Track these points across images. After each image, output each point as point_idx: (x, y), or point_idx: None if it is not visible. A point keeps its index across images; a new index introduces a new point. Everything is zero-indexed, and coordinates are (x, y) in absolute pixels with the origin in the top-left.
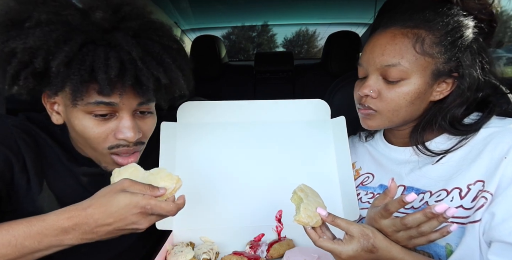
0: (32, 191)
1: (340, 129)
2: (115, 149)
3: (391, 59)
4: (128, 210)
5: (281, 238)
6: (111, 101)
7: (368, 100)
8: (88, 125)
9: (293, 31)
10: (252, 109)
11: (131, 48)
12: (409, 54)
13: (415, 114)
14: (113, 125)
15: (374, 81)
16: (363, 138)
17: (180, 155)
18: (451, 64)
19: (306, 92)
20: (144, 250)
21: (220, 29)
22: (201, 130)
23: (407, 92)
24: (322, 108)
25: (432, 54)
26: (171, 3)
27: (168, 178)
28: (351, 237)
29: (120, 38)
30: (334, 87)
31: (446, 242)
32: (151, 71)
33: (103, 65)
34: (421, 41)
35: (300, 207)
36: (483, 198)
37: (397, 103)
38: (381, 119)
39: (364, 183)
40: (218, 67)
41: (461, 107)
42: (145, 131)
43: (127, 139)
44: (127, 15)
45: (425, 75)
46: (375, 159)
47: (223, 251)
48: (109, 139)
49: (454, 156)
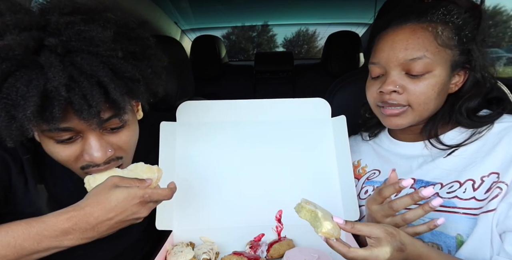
0: (30, 194)
1: (340, 128)
2: (86, 170)
3: (415, 53)
4: (128, 202)
5: (281, 238)
6: (66, 126)
7: (393, 96)
8: (54, 150)
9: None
10: (252, 108)
11: (55, 73)
12: (432, 46)
13: (439, 106)
14: (79, 147)
15: (398, 77)
16: (366, 137)
17: (180, 155)
18: (463, 56)
19: (306, 92)
20: (144, 250)
21: (220, 29)
22: (200, 130)
23: (434, 84)
24: (322, 107)
25: (451, 46)
26: (171, 3)
27: (148, 170)
28: (377, 239)
29: (44, 61)
30: (334, 87)
31: (457, 232)
32: (84, 97)
33: (23, 100)
34: (441, 34)
35: (320, 218)
36: (498, 188)
37: (427, 95)
38: (412, 115)
39: (370, 178)
40: (218, 67)
41: (476, 99)
42: (121, 145)
43: (94, 160)
44: (52, 29)
45: (446, 67)
46: (381, 156)
47: (223, 251)
48: (79, 160)
49: (467, 149)
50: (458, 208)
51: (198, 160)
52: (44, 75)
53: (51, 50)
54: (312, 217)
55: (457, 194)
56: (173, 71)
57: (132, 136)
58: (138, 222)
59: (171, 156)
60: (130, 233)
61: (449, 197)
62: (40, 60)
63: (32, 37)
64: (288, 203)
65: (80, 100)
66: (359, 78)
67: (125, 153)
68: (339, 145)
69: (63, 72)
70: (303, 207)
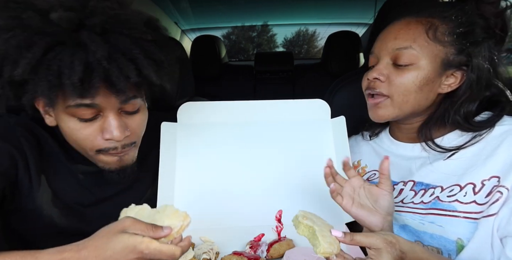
0: (34, 190)
1: (340, 129)
2: (103, 152)
3: (403, 43)
4: (124, 255)
5: (281, 238)
6: (91, 102)
7: (377, 84)
8: (75, 127)
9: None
10: (252, 109)
11: (97, 47)
12: (421, 39)
13: (423, 103)
14: (99, 126)
15: (384, 66)
16: (367, 136)
17: (181, 155)
18: (461, 57)
19: (306, 92)
20: None
21: (220, 29)
22: (201, 131)
23: (415, 76)
24: (322, 108)
25: (444, 42)
26: (171, 3)
27: (174, 215)
28: (377, 250)
29: (85, 38)
30: (334, 87)
31: (458, 237)
32: (121, 70)
33: (68, 69)
34: (434, 29)
35: (318, 236)
36: (498, 192)
37: (406, 87)
38: (391, 106)
39: (371, 179)
40: (218, 67)
41: (473, 103)
42: (134, 129)
43: (114, 138)
44: (91, 11)
45: (434, 63)
46: (382, 156)
47: (223, 251)
48: (97, 141)
49: (467, 152)
50: (458, 212)
51: (199, 160)
52: (85, 50)
53: (91, 30)
54: (310, 234)
55: (458, 197)
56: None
57: (144, 120)
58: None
59: (172, 157)
60: None
61: (450, 200)
62: (81, 38)
63: (74, 16)
64: (288, 203)
65: (117, 72)
66: (359, 78)
67: (137, 138)
68: (339, 145)
69: (104, 47)
70: (301, 223)
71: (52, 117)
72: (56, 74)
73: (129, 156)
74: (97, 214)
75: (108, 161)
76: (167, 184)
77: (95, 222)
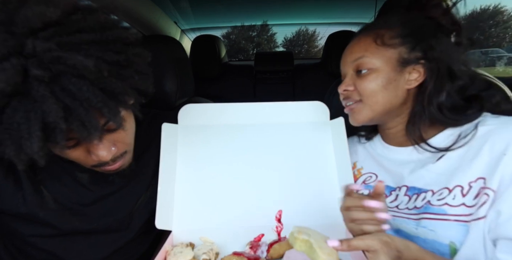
0: (23, 193)
1: (339, 130)
2: (98, 168)
3: (357, 54)
4: None
5: (281, 238)
6: (70, 137)
7: (348, 94)
8: (63, 153)
9: (293, 30)
10: (251, 111)
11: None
12: (371, 47)
13: (394, 101)
14: (85, 149)
15: (349, 78)
16: (363, 139)
17: (181, 156)
18: (415, 53)
19: (306, 92)
20: (144, 246)
21: (220, 29)
22: (201, 132)
23: (376, 78)
24: (321, 110)
25: (393, 44)
26: (171, 3)
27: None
28: (375, 252)
29: (35, 93)
30: (334, 87)
31: (450, 240)
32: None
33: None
34: (381, 37)
35: (316, 249)
36: (485, 195)
37: (371, 89)
38: (364, 109)
39: (367, 182)
40: (218, 67)
41: (441, 92)
42: (121, 142)
43: (102, 159)
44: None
45: (390, 63)
46: (376, 160)
47: (223, 251)
48: (88, 159)
49: (453, 155)
50: (449, 215)
51: (199, 161)
52: (39, 107)
53: (39, 80)
54: (308, 248)
55: (447, 201)
56: (173, 71)
57: (131, 129)
58: None
59: (172, 158)
60: (131, 227)
61: (440, 204)
62: (31, 91)
63: (15, 67)
64: (288, 203)
65: (80, 127)
66: None
67: (127, 146)
68: (338, 147)
69: (58, 104)
70: (297, 238)
71: None
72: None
73: (124, 162)
74: (97, 213)
75: (105, 169)
76: (167, 184)
77: (95, 221)
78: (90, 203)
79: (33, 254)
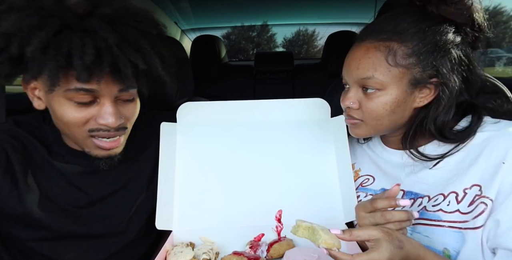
0: (19, 192)
1: (339, 128)
2: (95, 133)
3: (365, 72)
4: None
5: (281, 238)
6: (91, 87)
7: (351, 111)
8: (69, 110)
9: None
10: (251, 108)
11: (107, 34)
12: (382, 67)
13: (400, 122)
14: (94, 111)
15: (354, 93)
16: (361, 139)
17: (180, 155)
18: (428, 71)
19: (306, 92)
20: (144, 247)
21: (220, 29)
22: (201, 131)
23: (385, 102)
24: (322, 107)
25: (406, 65)
26: (171, 3)
27: None
28: (377, 241)
29: (96, 24)
30: (334, 87)
31: (444, 247)
32: (128, 58)
33: (79, 51)
34: (393, 54)
35: (319, 231)
36: (482, 204)
37: (378, 113)
38: (366, 128)
39: (364, 185)
40: (218, 67)
41: (448, 113)
42: (128, 117)
43: (108, 124)
44: (102, 1)
45: (401, 85)
46: (374, 161)
47: (223, 251)
48: (89, 123)
49: (450, 161)
50: (443, 221)
51: (198, 160)
52: (94, 36)
53: (100, 18)
54: (310, 233)
55: (442, 207)
56: (173, 71)
57: (137, 109)
58: None
59: (171, 157)
60: (129, 230)
61: (434, 210)
62: (89, 25)
63: (86, 4)
64: (288, 203)
65: (125, 60)
66: None
67: (130, 125)
68: (339, 145)
69: (113, 35)
70: (300, 226)
71: (41, 101)
72: (66, 55)
73: (117, 143)
74: (93, 216)
75: (99, 145)
76: (167, 184)
77: (91, 224)
78: (85, 205)
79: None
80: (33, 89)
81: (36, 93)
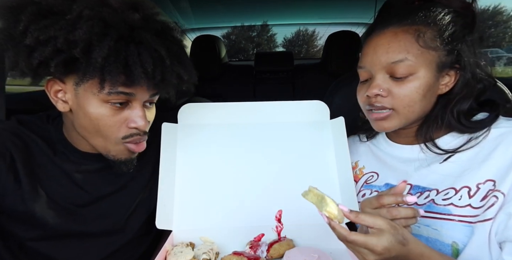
0: (22, 191)
1: (339, 130)
2: (128, 139)
3: (397, 56)
4: None
5: (281, 238)
6: (131, 91)
7: (379, 99)
8: (105, 113)
9: (292, 31)
10: (251, 110)
11: (158, 46)
12: (413, 48)
13: (427, 108)
14: (126, 114)
15: (382, 80)
16: (364, 138)
17: (181, 156)
18: (451, 56)
19: (306, 92)
20: (143, 247)
21: (220, 29)
22: (201, 131)
23: (418, 86)
24: (321, 109)
25: (435, 47)
26: (171, 3)
27: None
28: (380, 230)
29: (148, 37)
30: (334, 87)
31: (453, 240)
32: (174, 69)
33: (138, 60)
34: (423, 36)
35: (327, 200)
36: (494, 197)
37: (411, 98)
38: (398, 118)
39: (369, 182)
40: (218, 67)
41: (467, 100)
42: (150, 120)
43: (139, 127)
44: (149, 17)
45: (431, 68)
46: (379, 158)
47: (223, 251)
48: (122, 129)
49: (462, 156)
50: (453, 215)
51: (199, 161)
52: (146, 47)
53: (149, 32)
54: (319, 200)
55: (453, 201)
56: None
57: (154, 114)
58: None
59: (172, 157)
60: (129, 229)
61: (445, 204)
62: (143, 36)
63: (139, 18)
64: (288, 203)
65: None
66: (359, 78)
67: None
68: (338, 146)
69: (163, 48)
70: (311, 191)
71: (66, 103)
72: (123, 62)
73: (144, 146)
74: (94, 214)
75: (131, 148)
76: (167, 184)
77: (92, 222)
78: (85, 204)
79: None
80: (57, 91)
81: (60, 96)
